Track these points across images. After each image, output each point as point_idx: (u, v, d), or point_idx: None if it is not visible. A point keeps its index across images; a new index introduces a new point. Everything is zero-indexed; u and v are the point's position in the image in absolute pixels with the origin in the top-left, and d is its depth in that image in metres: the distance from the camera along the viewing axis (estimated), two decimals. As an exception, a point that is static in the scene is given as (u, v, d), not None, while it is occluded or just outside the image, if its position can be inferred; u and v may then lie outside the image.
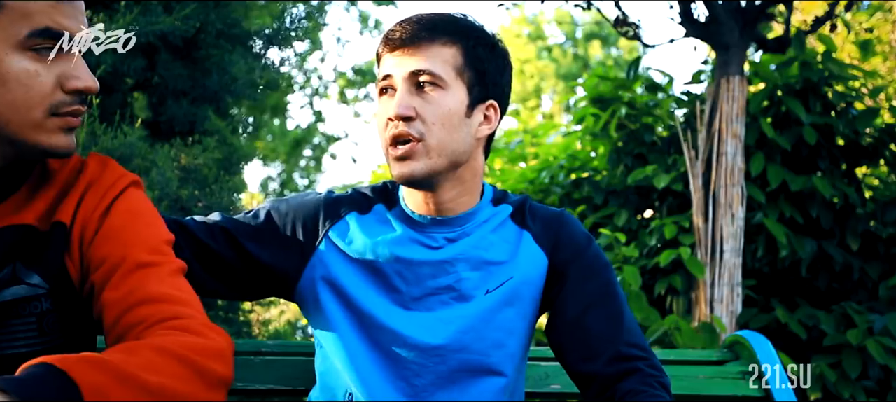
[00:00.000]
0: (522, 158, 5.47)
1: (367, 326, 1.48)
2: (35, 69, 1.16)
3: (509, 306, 1.50)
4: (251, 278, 1.50)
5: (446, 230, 1.50)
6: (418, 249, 1.49)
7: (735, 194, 4.24)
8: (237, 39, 4.02)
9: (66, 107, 1.19)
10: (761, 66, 4.67)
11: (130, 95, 3.80)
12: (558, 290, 1.52)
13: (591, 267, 1.52)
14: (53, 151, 1.20)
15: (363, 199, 1.55)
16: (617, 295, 1.53)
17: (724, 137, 4.28)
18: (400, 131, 1.44)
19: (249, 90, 4.05)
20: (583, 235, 1.56)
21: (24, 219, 1.22)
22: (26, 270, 1.20)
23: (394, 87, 1.46)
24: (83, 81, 1.19)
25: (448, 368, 1.47)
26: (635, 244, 4.37)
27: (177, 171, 3.48)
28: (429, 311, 1.48)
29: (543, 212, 1.56)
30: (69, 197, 1.25)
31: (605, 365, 1.46)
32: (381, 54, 1.49)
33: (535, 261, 1.52)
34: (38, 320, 1.20)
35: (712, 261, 4.21)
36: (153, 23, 3.50)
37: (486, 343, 1.49)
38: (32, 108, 1.17)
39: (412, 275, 1.49)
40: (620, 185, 4.65)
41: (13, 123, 1.17)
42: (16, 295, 1.19)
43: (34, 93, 1.16)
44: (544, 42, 16.99)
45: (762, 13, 4.47)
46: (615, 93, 4.74)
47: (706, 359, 1.90)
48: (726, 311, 4.15)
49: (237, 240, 1.49)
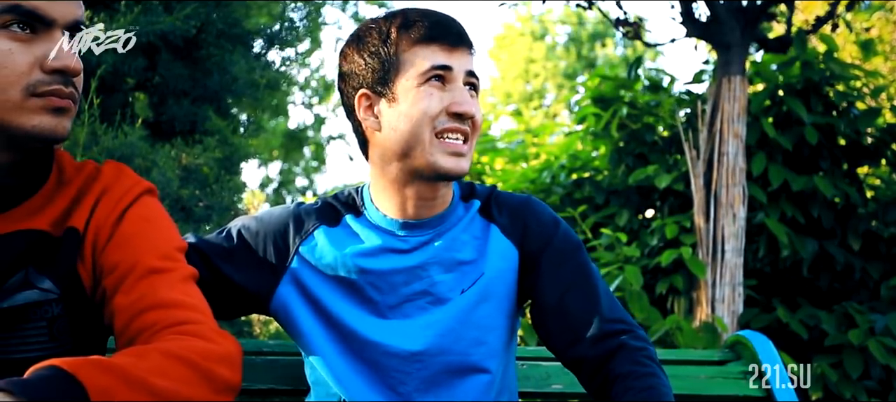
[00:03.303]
0: (524, 158, 5.46)
1: (347, 338, 1.47)
2: (8, 48, 1.15)
3: (484, 303, 1.50)
4: (225, 297, 1.48)
5: (418, 233, 1.49)
6: (389, 257, 1.48)
7: (736, 194, 4.24)
8: (238, 39, 4.02)
9: (45, 86, 1.16)
10: (762, 65, 4.66)
11: (131, 95, 3.80)
12: (534, 279, 1.51)
13: (562, 251, 1.52)
14: (40, 135, 1.18)
15: (331, 210, 1.53)
16: (591, 274, 1.52)
17: (725, 136, 4.28)
18: (464, 128, 1.44)
19: (250, 90, 4.05)
20: (550, 219, 1.55)
21: (38, 224, 1.22)
22: (38, 275, 1.20)
23: (451, 80, 1.44)
24: (62, 61, 1.17)
25: (430, 372, 1.47)
26: (636, 244, 4.37)
27: (178, 171, 3.47)
28: (406, 318, 1.48)
29: (509, 201, 1.55)
30: (83, 203, 1.25)
31: (590, 347, 1.45)
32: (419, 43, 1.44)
33: (504, 254, 1.51)
34: (49, 324, 1.20)
35: (714, 261, 4.20)
36: (154, 23, 3.50)
37: (465, 343, 1.48)
38: (9, 87, 1.15)
39: (385, 284, 1.48)
40: (622, 185, 4.65)
41: None
42: (27, 300, 1.18)
43: (8, 71, 1.14)
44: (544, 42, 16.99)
45: (763, 13, 4.46)
46: (616, 93, 4.74)
47: (708, 359, 1.90)
48: (728, 311, 4.14)
49: (210, 260, 1.47)
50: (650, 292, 4.30)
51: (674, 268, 4.27)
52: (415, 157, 1.44)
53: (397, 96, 1.44)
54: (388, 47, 1.45)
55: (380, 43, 1.46)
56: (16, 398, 0.94)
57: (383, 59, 1.45)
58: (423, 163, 1.43)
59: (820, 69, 4.46)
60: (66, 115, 1.20)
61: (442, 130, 1.43)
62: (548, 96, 17.01)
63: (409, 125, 1.43)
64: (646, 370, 1.42)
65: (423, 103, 1.43)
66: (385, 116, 1.46)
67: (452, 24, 1.47)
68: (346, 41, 1.53)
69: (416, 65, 1.43)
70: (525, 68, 16.51)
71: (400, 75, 1.44)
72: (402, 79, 1.44)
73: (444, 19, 1.47)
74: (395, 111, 1.44)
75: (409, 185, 1.47)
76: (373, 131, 1.48)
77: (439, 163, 1.43)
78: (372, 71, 1.46)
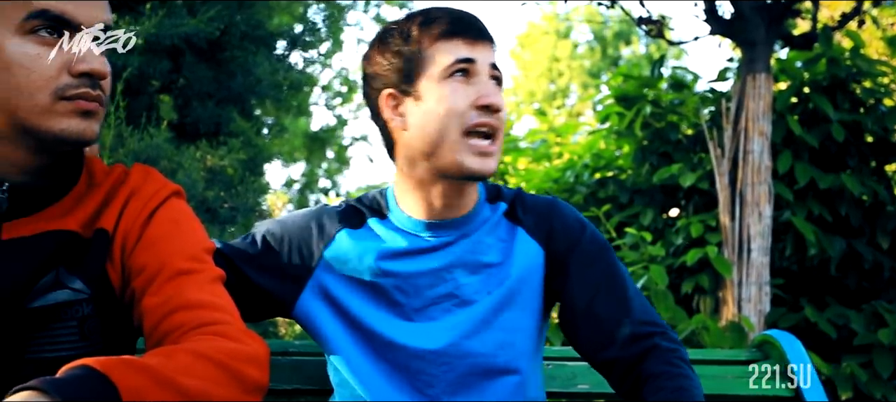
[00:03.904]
0: (547, 157, 5.45)
1: (372, 342, 1.47)
2: (36, 52, 1.16)
3: (511, 305, 1.49)
4: (250, 301, 1.48)
5: (443, 234, 1.48)
6: (413, 260, 1.47)
7: (762, 193, 4.20)
8: (261, 41, 4.04)
9: (73, 90, 1.18)
10: (788, 63, 4.62)
11: (156, 98, 3.83)
12: (562, 282, 1.50)
13: (590, 253, 1.50)
14: (68, 138, 1.19)
15: (354, 213, 1.52)
16: (621, 275, 1.51)
17: (750, 134, 4.24)
18: (492, 121, 1.42)
19: (273, 91, 4.07)
20: (576, 220, 1.53)
21: (68, 225, 1.23)
22: (69, 275, 1.21)
23: (475, 73, 1.43)
24: (89, 64, 1.18)
25: (458, 373, 1.46)
26: (661, 243, 4.34)
27: (203, 172, 3.50)
28: (431, 320, 1.47)
29: (534, 202, 1.54)
30: (112, 205, 1.26)
31: (621, 349, 1.44)
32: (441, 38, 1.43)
33: (530, 255, 1.50)
34: (80, 324, 1.21)
35: (740, 260, 4.17)
36: (178, 25, 3.53)
37: (491, 345, 1.47)
38: (37, 91, 1.16)
39: (410, 287, 1.47)
40: (646, 183, 4.63)
41: (21, 109, 1.17)
42: (58, 300, 1.20)
43: (36, 76, 1.16)
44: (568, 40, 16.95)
45: (788, 10, 4.42)
46: (640, 91, 4.72)
47: (735, 359, 1.88)
48: (754, 310, 4.11)
49: (235, 265, 1.48)
50: (675, 292, 4.27)
51: (699, 267, 4.24)
52: (441, 155, 1.43)
53: (422, 94, 1.44)
54: (411, 45, 1.45)
55: (402, 42, 1.46)
56: (50, 398, 0.95)
57: (406, 57, 1.45)
58: (450, 161, 1.43)
59: (846, 66, 4.41)
60: (93, 118, 1.21)
61: (471, 126, 1.42)
62: (571, 95, 16.97)
63: (436, 123, 1.42)
64: (678, 371, 1.41)
65: (449, 99, 1.42)
66: (411, 115, 1.45)
67: (473, 19, 1.47)
68: (369, 44, 1.52)
69: (439, 60, 1.43)
70: (549, 67, 16.47)
71: (424, 72, 1.44)
72: (426, 75, 1.43)
73: (465, 14, 1.47)
74: (421, 109, 1.44)
75: (436, 184, 1.46)
76: (399, 131, 1.47)
77: (466, 163, 1.42)
78: (396, 70, 1.45)
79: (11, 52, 1.15)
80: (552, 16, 16.78)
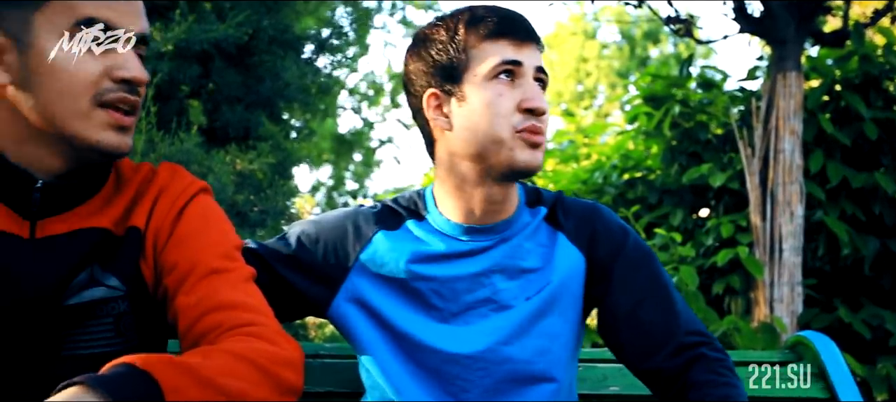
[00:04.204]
0: (575, 158, 5.43)
1: (407, 346, 1.45)
2: (83, 57, 1.19)
3: (550, 312, 1.47)
4: (284, 301, 1.47)
5: (482, 239, 1.46)
6: (451, 264, 1.46)
7: (793, 192, 4.16)
8: (288, 45, 4.07)
9: (112, 94, 1.20)
10: (818, 60, 4.57)
11: (186, 103, 3.86)
12: (604, 289, 1.48)
13: (634, 260, 1.48)
14: (104, 149, 1.22)
15: (391, 214, 1.51)
16: (666, 284, 1.49)
17: (781, 133, 4.20)
18: (540, 125, 1.41)
19: (301, 95, 4.10)
20: (618, 227, 1.51)
21: (100, 222, 1.25)
22: (104, 272, 1.23)
23: (520, 75, 1.41)
24: (131, 71, 1.21)
25: (494, 380, 1.44)
26: (691, 244, 4.31)
27: (232, 176, 3.52)
28: (468, 325, 1.45)
29: (576, 207, 1.52)
30: (142, 203, 1.28)
31: (667, 359, 1.43)
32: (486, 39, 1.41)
33: (571, 261, 1.48)
34: (116, 321, 1.23)
35: (771, 260, 4.13)
36: (207, 31, 3.56)
37: (529, 351, 1.45)
38: (78, 95, 1.19)
39: (448, 291, 1.45)
40: (675, 184, 4.59)
41: (61, 113, 1.19)
42: (94, 297, 1.22)
43: (79, 79, 1.19)
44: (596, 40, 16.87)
45: (819, 7, 4.37)
46: (668, 91, 4.69)
47: (768, 360, 1.86)
48: (787, 311, 4.06)
49: (269, 265, 1.47)
50: (706, 293, 4.24)
51: (730, 268, 4.20)
52: (491, 154, 1.41)
53: (466, 95, 1.42)
54: (456, 44, 1.42)
55: (448, 40, 1.43)
56: (98, 395, 0.97)
57: (451, 56, 1.42)
58: (501, 160, 1.40)
59: (879, 63, 4.35)
60: (128, 132, 1.24)
61: (520, 129, 1.40)
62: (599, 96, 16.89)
63: (484, 124, 1.40)
64: (724, 380, 1.40)
65: (494, 103, 1.40)
66: (455, 116, 1.43)
67: (521, 19, 1.44)
68: (411, 42, 1.50)
69: (486, 60, 1.41)
70: (576, 68, 16.40)
71: (468, 72, 1.42)
72: (471, 76, 1.41)
73: (513, 14, 1.44)
74: (466, 110, 1.42)
75: (478, 187, 1.44)
76: (442, 131, 1.45)
77: (518, 158, 1.40)
78: (440, 69, 1.43)
79: (56, 57, 1.18)
80: (579, 16, 16.71)
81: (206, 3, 3.73)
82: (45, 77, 1.18)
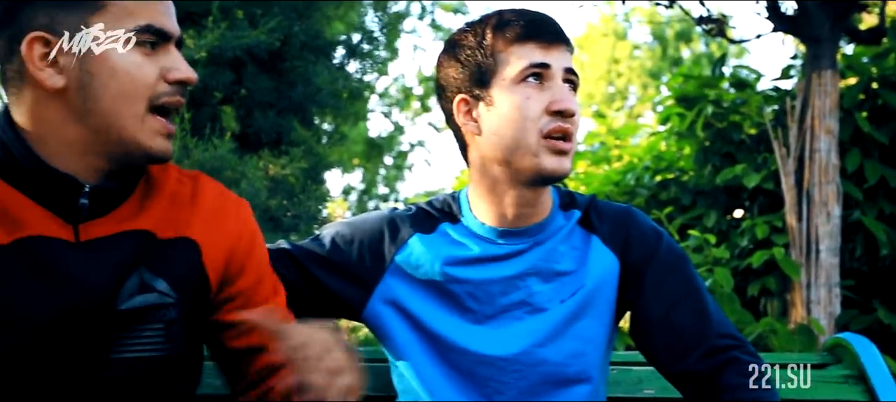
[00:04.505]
0: (606, 160, 5.40)
1: (442, 348, 1.46)
2: (141, 61, 1.22)
3: (585, 315, 1.47)
4: (318, 304, 1.48)
5: (516, 242, 1.46)
6: (486, 267, 1.46)
7: (830, 192, 4.10)
8: (320, 50, 4.09)
9: (167, 97, 1.24)
10: (854, 58, 4.51)
11: (219, 109, 3.90)
12: (637, 292, 1.47)
13: (667, 263, 1.48)
14: (153, 154, 1.25)
15: (426, 217, 1.51)
16: (699, 287, 1.48)
17: (816, 133, 4.15)
18: (567, 127, 1.40)
19: (333, 100, 4.12)
20: (652, 231, 1.51)
21: (143, 224, 1.27)
22: (153, 276, 1.25)
23: (549, 77, 1.41)
24: (183, 72, 1.25)
25: (529, 382, 1.45)
26: (726, 246, 4.27)
27: (265, 181, 3.55)
28: (503, 327, 1.46)
29: (609, 210, 1.51)
30: (194, 214, 1.31)
31: (698, 361, 1.42)
32: (515, 42, 1.41)
33: (605, 264, 1.48)
34: (167, 327, 1.25)
35: (808, 261, 4.08)
36: (240, 37, 3.59)
37: (564, 354, 1.45)
38: (138, 98, 1.22)
39: (483, 294, 1.46)
40: (708, 185, 4.55)
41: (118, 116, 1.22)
42: (147, 302, 1.24)
43: (139, 83, 1.22)
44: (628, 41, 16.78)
45: (855, 4, 4.31)
46: (701, 91, 4.65)
47: (806, 362, 1.83)
48: (824, 313, 4.01)
49: (304, 266, 1.48)
50: (741, 295, 4.20)
51: (765, 269, 4.16)
52: (518, 159, 1.41)
53: (495, 99, 1.42)
54: (484, 49, 1.43)
55: (476, 46, 1.44)
56: None
57: (480, 61, 1.43)
58: (528, 165, 1.40)
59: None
60: (171, 139, 1.28)
61: (547, 132, 1.39)
62: (630, 97, 16.79)
63: (511, 129, 1.40)
64: (756, 383, 1.39)
65: (522, 105, 1.40)
66: (484, 120, 1.43)
67: (548, 21, 1.43)
68: (442, 48, 1.51)
69: (513, 64, 1.40)
70: (608, 69, 16.32)
71: (497, 76, 1.42)
72: (499, 80, 1.41)
73: (540, 17, 1.44)
74: (495, 114, 1.42)
75: (511, 189, 1.44)
76: (472, 135, 1.45)
77: (544, 165, 1.40)
78: (469, 74, 1.44)
79: (120, 60, 1.21)
80: (610, 17, 16.62)
81: (238, 9, 3.76)
82: (103, 80, 1.21)
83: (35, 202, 1.22)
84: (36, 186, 1.22)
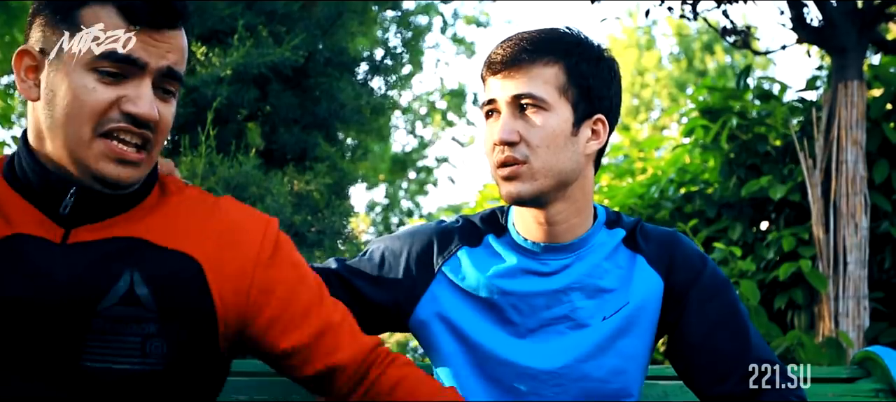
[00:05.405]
0: (630, 173, 5.38)
1: (483, 360, 1.48)
2: (93, 86, 1.22)
3: (627, 333, 1.48)
4: (365, 316, 1.50)
5: (560, 256, 1.48)
6: (531, 280, 1.48)
7: (858, 204, 4.06)
8: (343, 67, 4.12)
9: (114, 124, 1.23)
10: (881, 68, 4.47)
11: (244, 125, 3.93)
12: (678, 314, 1.49)
13: (711, 288, 1.50)
14: (103, 178, 1.24)
15: (473, 229, 1.54)
16: (741, 313, 1.51)
17: (843, 144, 4.11)
18: (505, 157, 1.43)
19: (357, 116, 4.14)
20: (697, 255, 1.53)
21: (137, 232, 1.28)
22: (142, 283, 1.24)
23: (498, 110, 1.46)
24: (137, 107, 1.23)
25: (570, 396, 1.46)
26: (752, 258, 4.24)
27: (290, 197, 3.57)
28: (545, 341, 1.47)
29: (656, 233, 1.54)
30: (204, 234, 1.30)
31: (737, 385, 1.45)
32: (485, 77, 1.48)
33: (650, 284, 1.50)
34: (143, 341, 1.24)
35: (835, 273, 4.04)
36: (264, 54, 3.63)
37: (605, 370, 1.47)
38: (83, 123, 1.22)
39: (527, 307, 1.48)
40: (734, 197, 4.52)
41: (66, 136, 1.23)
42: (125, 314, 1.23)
43: (86, 109, 1.22)
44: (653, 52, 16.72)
45: (881, 14, 4.28)
46: (725, 103, 4.62)
47: (835, 376, 1.82)
48: (852, 325, 3.96)
49: (350, 283, 1.51)
50: (767, 308, 4.16)
51: (792, 282, 4.12)
52: None
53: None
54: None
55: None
56: None
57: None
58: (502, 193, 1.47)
59: (945, 69, 4.24)
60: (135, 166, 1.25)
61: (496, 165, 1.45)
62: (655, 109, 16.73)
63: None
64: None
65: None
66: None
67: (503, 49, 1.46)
68: None
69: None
70: (631, 81, 16.27)
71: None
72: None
73: (500, 46, 1.47)
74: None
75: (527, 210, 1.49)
76: None
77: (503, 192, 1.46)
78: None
79: (73, 82, 1.22)
80: (633, 30, 16.58)
81: (263, 27, 3.80)
82: (59, 99, 1.23)
83: (33, 206, 1.26)
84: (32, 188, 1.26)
